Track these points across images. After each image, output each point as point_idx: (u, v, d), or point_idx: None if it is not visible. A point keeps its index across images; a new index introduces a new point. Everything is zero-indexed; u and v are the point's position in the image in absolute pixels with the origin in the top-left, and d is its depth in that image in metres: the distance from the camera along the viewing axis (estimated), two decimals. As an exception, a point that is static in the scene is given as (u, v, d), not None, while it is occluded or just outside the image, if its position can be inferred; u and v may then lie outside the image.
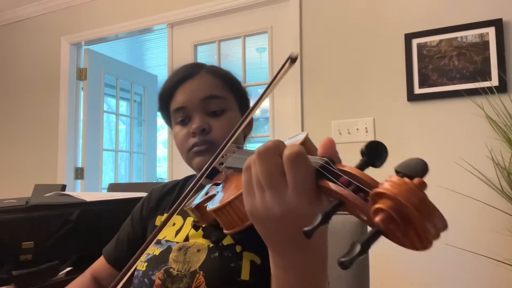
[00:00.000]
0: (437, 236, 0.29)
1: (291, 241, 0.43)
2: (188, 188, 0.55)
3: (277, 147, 0.42)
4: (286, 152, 0.39)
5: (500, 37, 1.88)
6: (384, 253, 1.99)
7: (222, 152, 0.57)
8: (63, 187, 1.89)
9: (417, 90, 2.03)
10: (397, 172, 0.33)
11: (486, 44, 1.91)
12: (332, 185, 0.36)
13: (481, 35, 1.93)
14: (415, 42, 2.05)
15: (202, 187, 0.83)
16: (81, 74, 3.25)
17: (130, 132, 3.77)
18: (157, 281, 0.72)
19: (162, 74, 4.00)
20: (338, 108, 2.23)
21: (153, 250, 0.78)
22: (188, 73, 0.84)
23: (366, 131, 2.13)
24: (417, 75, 2.04)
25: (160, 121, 4.39)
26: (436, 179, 1.89)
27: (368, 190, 0.33)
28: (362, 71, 2.19)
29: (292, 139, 0.62)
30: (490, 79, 1.88)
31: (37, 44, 3.40)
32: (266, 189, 0.41)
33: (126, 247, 0.89)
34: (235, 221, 0.50)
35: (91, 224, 1.16)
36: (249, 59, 2.71)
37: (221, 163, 0.65)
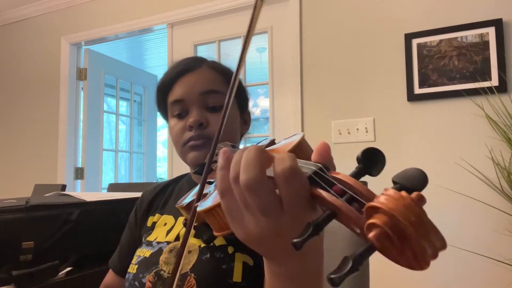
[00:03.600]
0: (434, 256, 0.28)
1: (286, 251, 0.40)
2: (199, 186, 0.54)
3: (263, 168, 0.36)
4: (278, 170, 0.35)
5: (500, 37, 1.88)
6: (384, 253, 1.99)
7: (217, 149, 0.55)
8: (63, 187, 1.89)
9: (417, 90, 2.03)
10: (395, 182, 0.31)
11: (486, 44, 1.91)
12: (325, 194, 0.34)
13: (481, 35, 1.93)
14: (415, 42, 2.05)
15: (195, 185, 0.83)
16: (81, 74, 3.25)
17: (130, 132, 3.77)
18: (148, 284, 0.70)
19: (162, 74, 3.99)
20: (338, 108, 2.23)
21: (144, 252, 0.76)
22: (189, 66, 0.82)
23: (366, 131, 2.13)
24: (417, 75, 2.04)
25: (160, 121, 4.39)
26: (436, 179, 1.89)
27: (363, 201, 0.31)
28: (362, 71, 2.19)
29: (287, 139, 0.61)
30: (490, 79, 1.88)
31: (37, 44, 3.40)
32: (262, 216, 0.37)
33: (129, 256, 0.86)
34: (225, 223, 0.48)
35: (91, 224, 1.16)
36: (249, 59, 2.71)
37: (215, 161, 0.62)
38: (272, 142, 0.70)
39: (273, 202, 0.36)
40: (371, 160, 0.35)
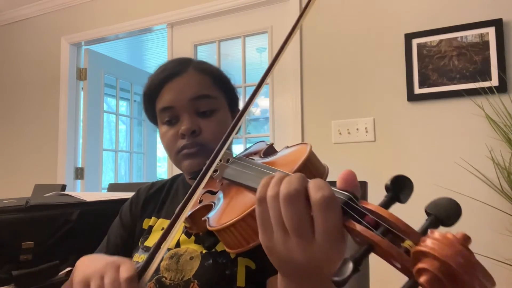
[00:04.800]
0: None
1: (307, 272, 0.40)
2: (185, 198, 0.52)
3: (305, 188, 0.37)
4: (317, 196, 0.35)
5: (500, 37, 1.88)
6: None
7: (218, 159, 0.54)
8: (63, 187, 1.90)
9: (417, 90, 2.03)
10: (428, 213, 0.31)
11: (486, 44, 1.91)
12: (359, 227, 0.33)
13: (481, 35, 1.93)
14: (415, 42, 2.05)
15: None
16: (81, 74, 3.25)
17: (130, 132, 3.77)
18: None
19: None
20: (338, 108, 2.23)
21: (142, 258, 0.74)
22: (176, 70, 0.79)
23: (366, 131, 2.13)
24: (417, 75, 2.04)
25: (160, 121, 4.40)
26: (436, 179, 1.89)
27: (401, 235, 0.31)
28: (362, 71, 2.19)
29: (291, 148, 0.60)
30: (490, 79, 1.88)
31: (37, 44, 3.40)
32: (292, 236, 0.37)
33: (121, 249, 0.85)
34: (239, 242, 0.48)
35: (91, 224, 1.15)
36: (249, 59, 2.70)
37: (215, 170, 0.61)
38: (272, 147, 0.69)
39: (306, 222, 0.37)
40: (400, 188, 0.35)
